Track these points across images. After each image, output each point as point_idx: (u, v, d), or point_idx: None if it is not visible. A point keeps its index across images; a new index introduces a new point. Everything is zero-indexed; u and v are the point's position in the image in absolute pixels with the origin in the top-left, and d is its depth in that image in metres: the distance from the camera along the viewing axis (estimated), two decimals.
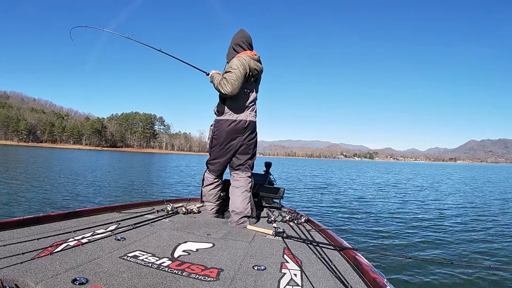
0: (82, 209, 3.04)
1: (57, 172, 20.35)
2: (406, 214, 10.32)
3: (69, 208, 8.75)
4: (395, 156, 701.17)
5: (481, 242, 7.04)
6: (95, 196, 11.43)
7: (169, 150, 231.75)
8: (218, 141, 3.32)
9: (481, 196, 16.48)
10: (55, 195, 10.99)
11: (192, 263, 1.96)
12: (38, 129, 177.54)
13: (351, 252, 2.26)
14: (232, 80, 3.05)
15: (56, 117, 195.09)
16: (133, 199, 11.16)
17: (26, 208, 8.59)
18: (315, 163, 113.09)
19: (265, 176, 4.65)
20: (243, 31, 3.37)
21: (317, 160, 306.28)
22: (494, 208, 12.13)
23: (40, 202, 9.58)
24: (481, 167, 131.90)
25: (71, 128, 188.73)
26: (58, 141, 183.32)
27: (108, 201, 10.68)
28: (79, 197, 11.04)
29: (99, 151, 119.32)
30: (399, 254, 6.00)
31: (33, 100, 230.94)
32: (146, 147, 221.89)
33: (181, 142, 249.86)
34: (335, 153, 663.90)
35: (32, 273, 1.60)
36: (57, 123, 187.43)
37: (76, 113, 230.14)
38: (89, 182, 15.65)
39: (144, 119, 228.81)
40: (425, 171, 57.58)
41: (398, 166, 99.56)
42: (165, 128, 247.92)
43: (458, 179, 31.73)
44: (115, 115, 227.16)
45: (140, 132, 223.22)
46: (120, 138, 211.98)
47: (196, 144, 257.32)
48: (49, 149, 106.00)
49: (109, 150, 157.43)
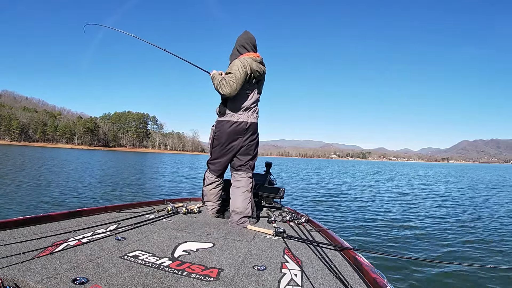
0: (83, 208, 3.01)
1: (55, 172, 20.28)
2: (406, 214, 10.33)
3: (70, 207, 8.67)
4: (388, 156, 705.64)
5: (481, 242, 7.05)
6: (95, 196, 11.38)
7: (162, 149, 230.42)
8: (219, 142, 3.31)
9: (481, 197, 16.52)
10: (55, 195, 10.94)
11: (192, 263, 1.95)
12: (30, 128, 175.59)
13: (351, 252, 2.26)
14: (231, 81, 3.05)
15: (49, 116, 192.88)
16: (133, 199, 11.15)
17: (26, 208, 8.54)
18: (309, 163, 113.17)
19: (265, 176, 4.63)
20: (247, 33, 3.36)
21: (310, 160, 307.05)
22: (495, 209, 12.17)
23: (40, 202, 9.53)
24: (475, 167, 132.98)
25: (63, 127, 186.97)
26: (50, 140, 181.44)
27: (109, 201, 10.64)
28: (79, 197, 10.98)
29: (92, 151, 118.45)
30: (399, 254, 6.03)
31: (25, 99, 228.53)
32: (139, 147, 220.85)
33: (174, 142, 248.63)
34: (329, 153, 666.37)
35: (33, 273, 1.59)
36: (50, 122, 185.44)
37: (69, 112, 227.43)
38: (88, 182, 15.59)
39: (137, 118, 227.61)
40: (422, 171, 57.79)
41: (393, 166, 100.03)
42: (158, 128, 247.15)
43: (458, 179, 31.84)
44: (108, 114, 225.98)
45: (133, 131, 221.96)
46: (113, 138, 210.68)
47: (189, 144, 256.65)
48: (42, 148, 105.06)
49: (101, 150, 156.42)
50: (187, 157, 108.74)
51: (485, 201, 14.50)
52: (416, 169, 67.68)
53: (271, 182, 4.62)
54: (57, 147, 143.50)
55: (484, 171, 67.81)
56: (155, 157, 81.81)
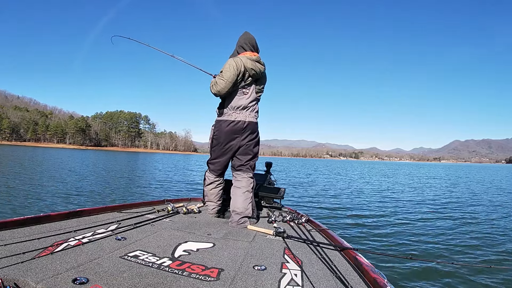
0: (83, 208, 3.00)
1: (53, 172, 20.14)
2: (407, 214, 10.33)
3: (70, 208, 8.63)
4: (380, 155, 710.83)
5: (481, 242, 7.06)
6: (94, 196, 11.34)
7: (154, 149, 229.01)
8: (218, 141, 3.32)
9: (481, 197, 16.59)
10: (55, 195, 10.90)
11: (192, 263, 1.95)
12: (21, 128, 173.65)
13: (352, 252, 2.26)
14: (220, 80, 3.10)
15: (40, 115, 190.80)
16: (133, 199, 11.19)
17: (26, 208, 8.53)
18: (302, 162, 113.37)
19: (265, 176, 4.63)
20: (247, 33, 3.35)
21: (303, 159, 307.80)
22: (495, 209, 12.22)
23: (40, 202, 9.49)
24: (467, 167, 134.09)
25: (55, 127, 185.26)
26: (41, 140, 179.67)
27: (109, 201, 10.63)
28: (79, 197, 10.94)
29: (84, 150, 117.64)
30: (399, 254, 6.03)
31: (16, 98, 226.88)
32: (131, 146, 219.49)
33: (167, 141, 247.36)
34: (321, 152, 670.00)
35: (33, 273, 1.59)
36: (41, 122, 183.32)
37: (60, 111, 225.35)
38: (88, 182, 15.50)
39: (129, 117, 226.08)
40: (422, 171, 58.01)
41: (388, 166, 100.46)
42: (150, 127, 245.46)
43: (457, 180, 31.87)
44: (100, 113, 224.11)
45: (125, 131, 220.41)
46: (105, 137, 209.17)
47: (182, 144, 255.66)
48: (33, 148, 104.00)
49: (93, 149, 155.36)
50: (180, 157, 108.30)
51: (485, 201, 14.55)
52: (415, 170, 67.94)
53: (271, 182, 4.61)
54: (49, 147, 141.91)
55: (481, 171, 68.27)
56: (148, 157, 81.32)
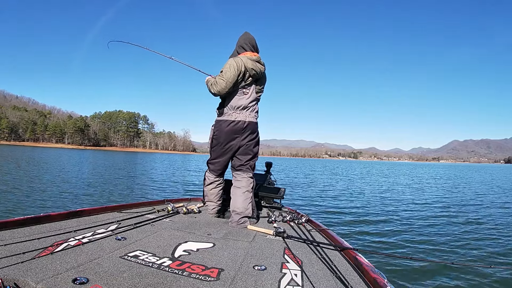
0: (83, 208, 3.00)
1: (52, 172, 20.13)
2: (407, 214, 10.35)
3: (70, 208, 8.62)
4: (379, 155, 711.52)
5: (481, 243, 7.07)
6: (94, 196, 11.34)
7: (153, 149, 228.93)
8: (218, 141, 3.32)
9: (481, 197, 16.60)
10: (54, 195, 10.90)
11: (192, 263, 1.95)
12: (20, 128, 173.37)
13: (352, 252, 2.26)
14: (220, 79, 3.09)
15: (39, 115, 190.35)
16: (134, 198, 11.21)
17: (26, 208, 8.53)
18: (303, 163, 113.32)
19: (265, 176, 4.63)
20: (247, 34, 3.36)
21: (302, 159, 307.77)
22: (495, 209, 12.24)
23: (39, 202, 9.50)
24: (466, 167, 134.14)
25: (53, 127, 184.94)
26: (40, 139, 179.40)
27: (109, 201, 10.64)
28: (79, 197, 10.94)
29: (82, 150, 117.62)
30: (399, 254, 6.04)
31: (15, 98, 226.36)
32: (129, 146, 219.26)
33: (165, 141, 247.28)
34: (320, 152, 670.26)
35: (33, 273, 1.59)
36: (40, 122, 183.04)
37: (59, 111, 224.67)
38: (87, 182, 15.52)
39: (128, 117, 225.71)
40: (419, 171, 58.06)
41: (387, 166, 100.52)
42: (149, 127, 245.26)
43: (457, 180, 31.90)
44: (98, 113, 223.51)
45: (123, 131, 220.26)
46: (103, 137, 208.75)
47: (180, 143, 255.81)
48: (31, 148, 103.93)
49: (92, 149, 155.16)
50: (179, 156, 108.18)
51: (485, 201, 14.57)
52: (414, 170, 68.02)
53: (271, 182, 4.61)
54: (47, 147, 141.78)
55: (480, 171, 68.29)
56: (147, 156, 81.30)
